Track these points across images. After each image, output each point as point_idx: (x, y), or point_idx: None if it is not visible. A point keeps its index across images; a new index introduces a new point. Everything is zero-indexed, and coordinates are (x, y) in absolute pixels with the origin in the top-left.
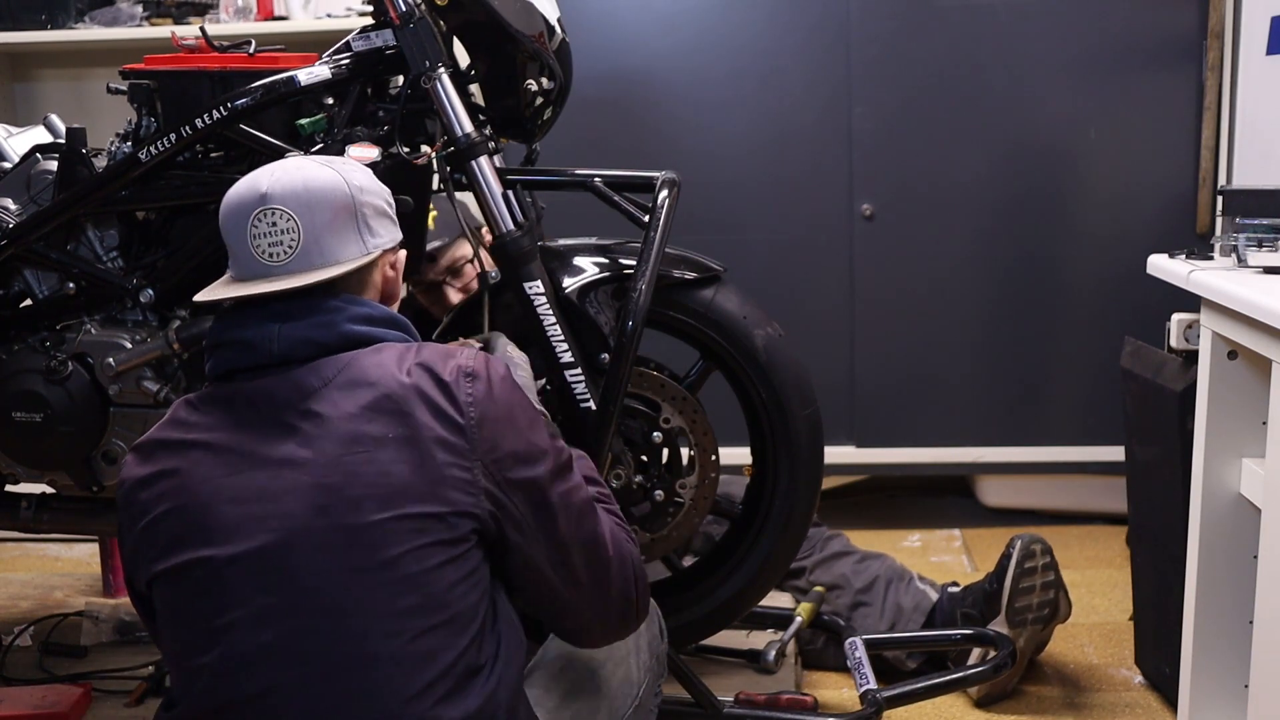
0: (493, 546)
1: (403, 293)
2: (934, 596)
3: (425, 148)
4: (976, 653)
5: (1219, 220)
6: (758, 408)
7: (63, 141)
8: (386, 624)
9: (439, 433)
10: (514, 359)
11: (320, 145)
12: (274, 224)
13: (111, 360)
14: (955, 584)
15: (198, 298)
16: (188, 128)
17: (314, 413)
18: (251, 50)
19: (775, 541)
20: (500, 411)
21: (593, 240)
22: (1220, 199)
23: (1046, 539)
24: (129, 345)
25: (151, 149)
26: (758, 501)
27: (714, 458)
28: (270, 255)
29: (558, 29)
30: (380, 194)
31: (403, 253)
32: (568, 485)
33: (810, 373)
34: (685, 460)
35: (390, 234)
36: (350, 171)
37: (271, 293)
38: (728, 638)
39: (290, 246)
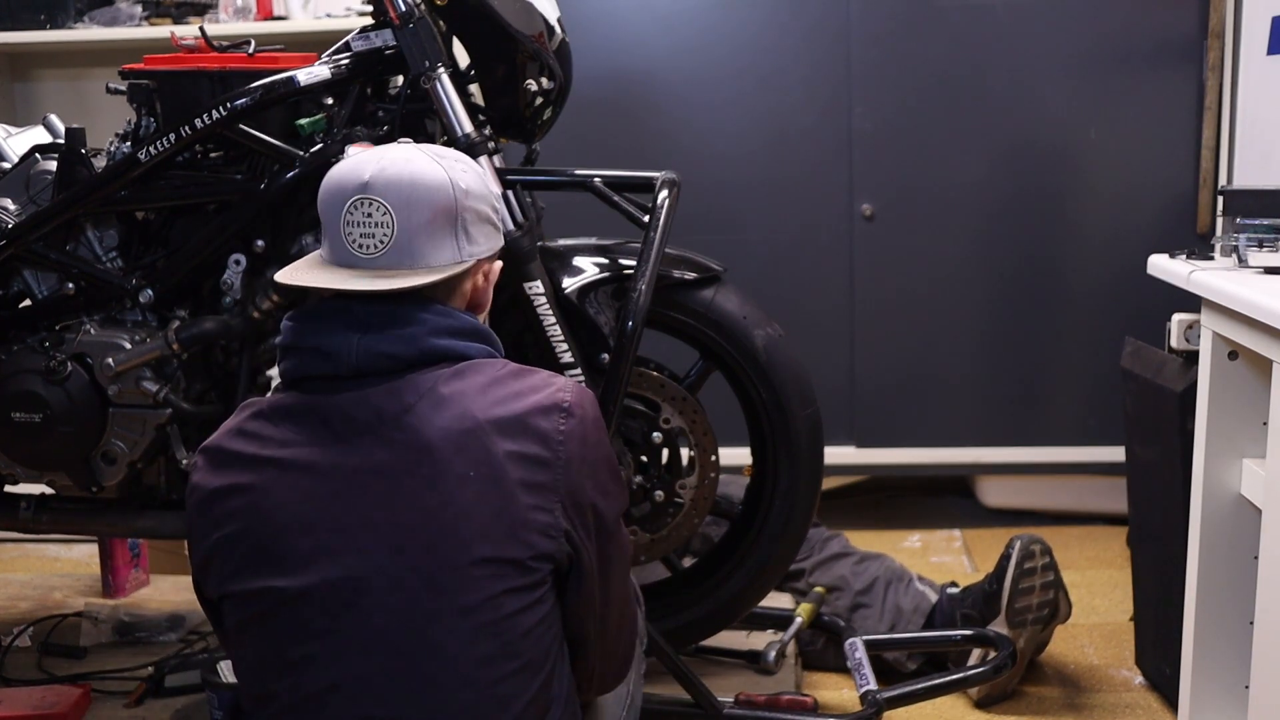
0: (563, 585)
1: (490, 299)
2: (933, 598)
3: None
4: (976, 653)
5: (1219, 220)
6: (758, 408)
7: (62, 141)
8: (462, 670)
9: (523, 473)
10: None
11: (320, 145)
12: (369, 215)
13: (111, 360)
14: (954, 584)
15: (278, 276)
16: (187, 128)
17: (393, 441)
18: (251, 50)
19: (775, 542)
20: (589, 454)
21: (593, 240)
22: (1221, 199)
23: (1047, 539)
24: (128, 345)
25: (151, 149)
26: (758, 502)
27: (714, 458)
28: (360, 246)
29: (558, 29)
30: (487, 199)
31: (499, 263)
32: (623, 535)
33: (810, 373)
34: (685, 461)
35: (490, 242)
36: (460, 172)
37: (352, 292)
38: (728, 638)
39: (382, 241)
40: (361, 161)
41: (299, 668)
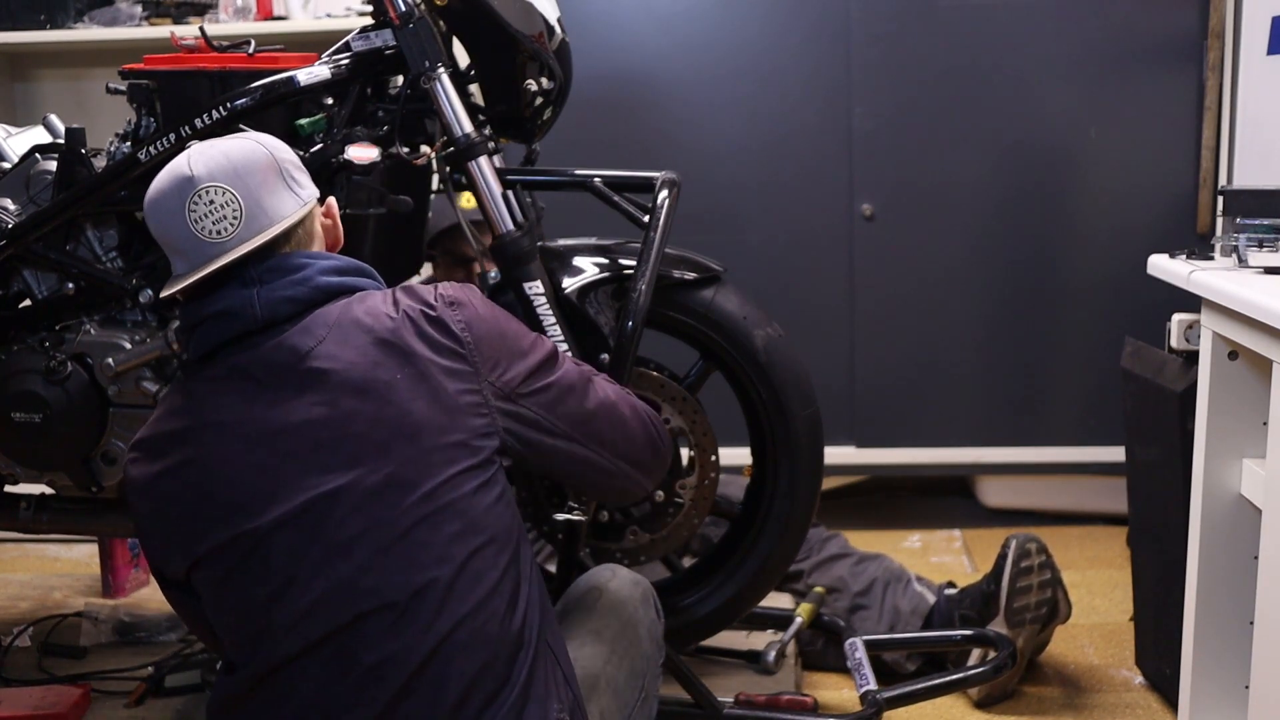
0: (521, 457)
1: (343, 237)
2: (931, 599)
3: (425, 148)
4: (976, 653)
5: (1219, 220)
6: (758, 408)
7: (62, 141)
8: (436, 550)
9: (443, 362)
10: None
11: (320, 145)
12: (211, 201)
13: (111, 360)
14: (952, 584)
15: (163, 294)
16: (187, 128)
17: (318, 370)
18: (251, 50)
19: (775, 542)
20: (490, 328)
21: (593, 240)
22: (1221, 199)
23: (1047, 539)
24: (128, 345)
25: (151, 149)
26: (757, 502)
27: (714, 458)
28: (218, 233)
29: (557, 29)
30: (288, 150)
31: (332, 200)
32: (562, 369)
33: (810, 373)
34: (685, 461)
35: (310, 186)
36: (258, 135)
37: (236, 261)
38: (728, 638)
39: (235, 218)
40: (172, 169)
41: (284, 594)
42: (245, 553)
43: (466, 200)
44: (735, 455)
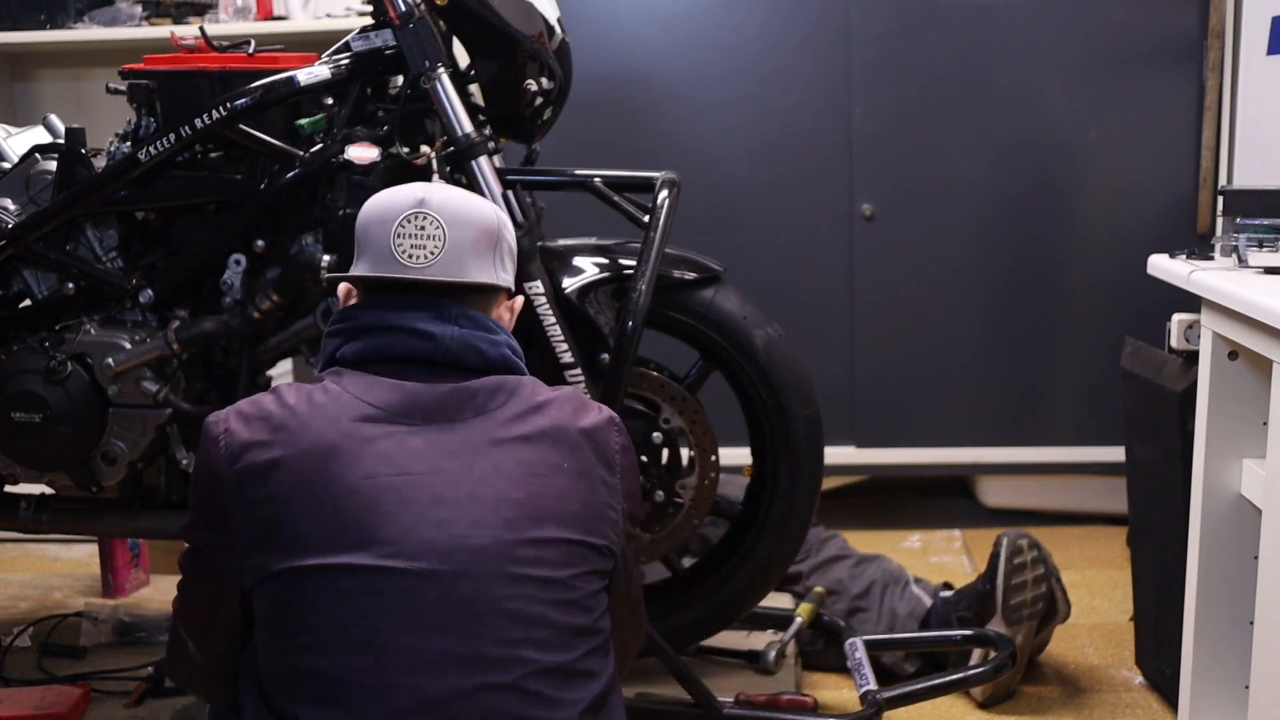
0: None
1: None
2: (928, 601)
3: (425, 148)
4: (977, 654)
5: (1219, 220)
6: (758, 408)
7: (62, 141)
8: (565, 639)
9: (601, 473)
10: None
11: (320, 145)
12: (422, 228)
13: (111, 360)
14: (949, 585)
15: (335, 275)
16: (187, 128)
17: (490, 430)
18: (251, 50)
19: (775, 542)
20: (632, 463)
21: (593, 240)
22: (1221, 199)
23: (1046, 539)
24: (128, 345)
25: (151, 149)
26: (757, 502)
27: (714, 458)
28: (411, 256)
29: (557, 29)
30: (514, 237)
31: (520, 299)
32: (641, 534)
33: (810, 373)
34: (685, 461)
35: (511, 276)
36: (499, 209)
37: (434, 297)
38: (728, 638)
39: (433, 252)
40: (410, 186)
41: (404, 640)
42: (358, 582)
43: None
44: (735, 455)
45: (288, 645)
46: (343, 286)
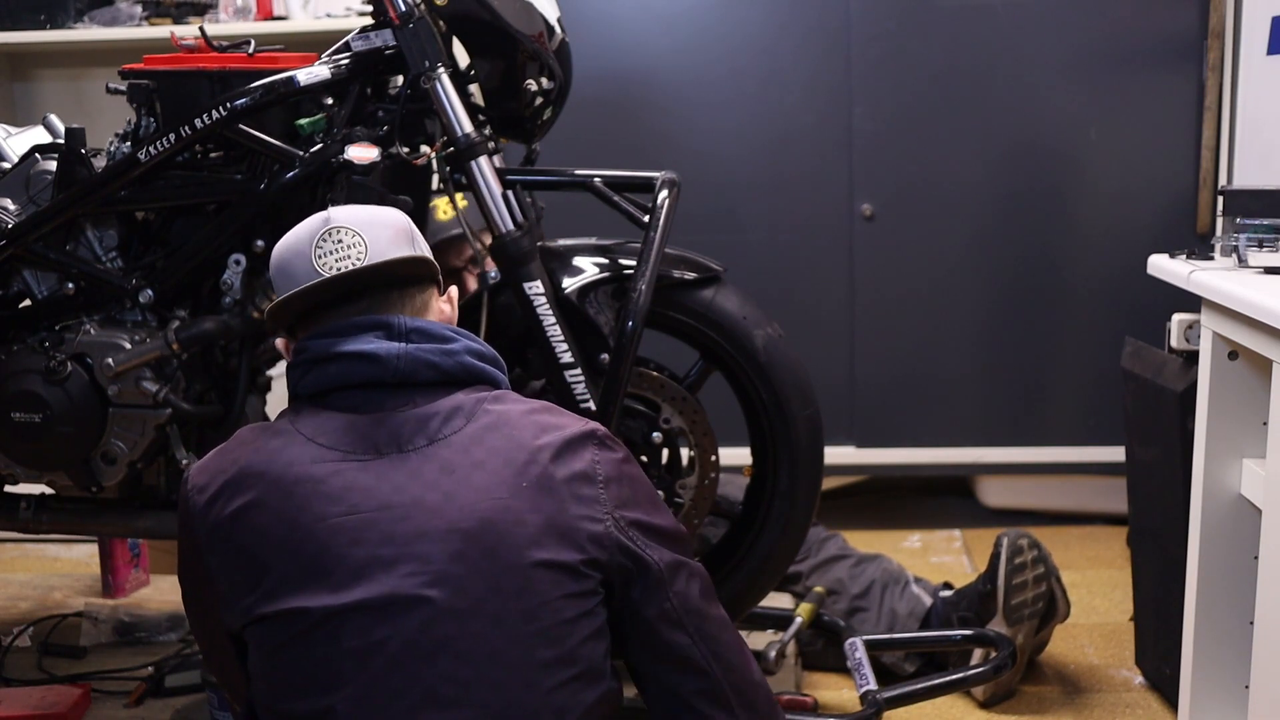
0: (622, 602)
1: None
2: (928, 601)
3: (425, 148)
4: (979, 654)
5: (1219, 220)
6: (758, 408)
7: (62, 141)
8: (525, 675)
9: (573, 487)
10: None
11: (319, 145)
12: (339, 240)
13: (110, 361)
14: (949, 585)
15: (271, 310)
16: (187, 128)
17: (443, 458)
18: (251, 50)
19: (775, 542)
20: (626, 475)
21: (593, 240)
22: (1221, 199)
23: (1046, 539)
24: (128, 346)
25: (150, 149)
26: (757, 502)
27: (714, 458)
28: (339, 268)
29: (557, 29)
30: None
31: (455, 289)
32: (695, 562)
33: (810, 373)
34: (685, 461)
35: (438, 269)
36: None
37: (383, 319)
38: None
39: (358, 258)
40: (309, 219)
41: (355, 678)
42: (315, 624)
43: (444, 212)
44: (735, 455)
45: (266, 690)
46: (279, 341)
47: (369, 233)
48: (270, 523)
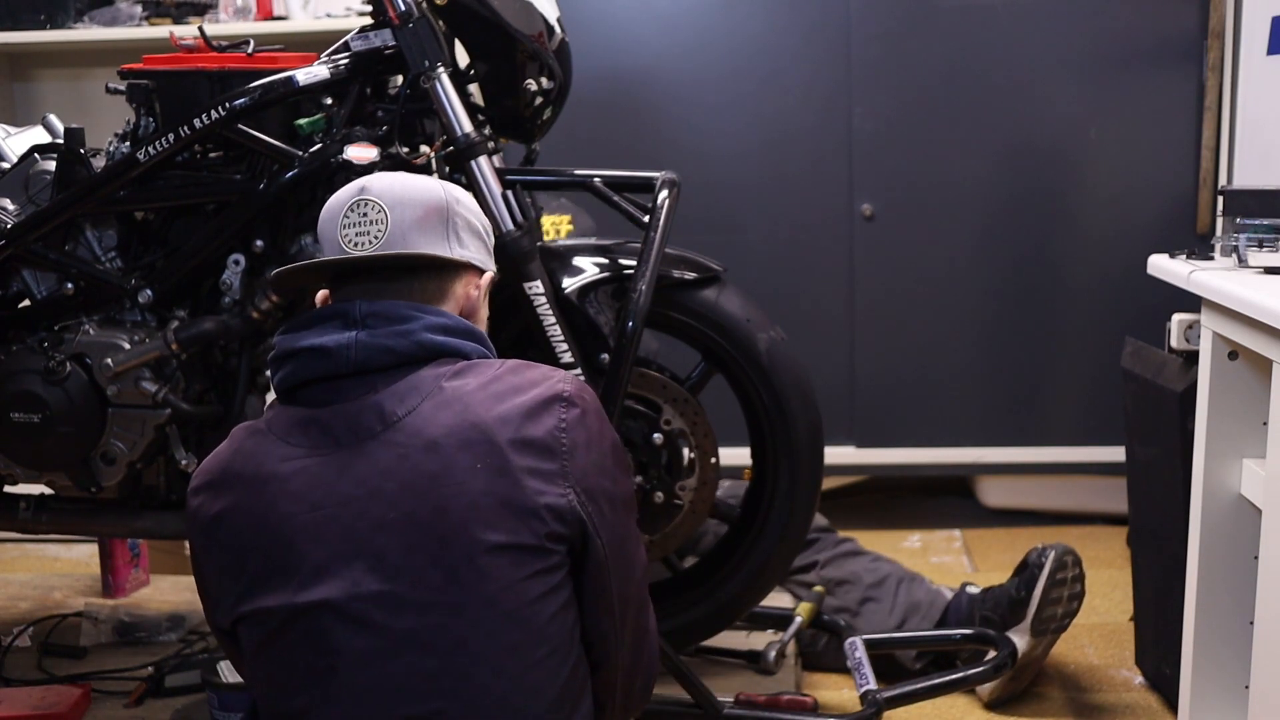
0: (578, 561)
1: (485, 315)
2: (948, 595)
3: (424, 148)
4: (993, 655)
5: (1219, 220)
6: (759, 411)
7: (61, 141)
8: (492, 660)
9: (530, 461)
10: None
11: (319, 145)
12: (364, 214)
13: (110, 361)
14: (973, 585)
15: (274, 273)
16: (186, 128)
17: (398, 443)
18: (250, 50)
19: (774, 544)
20: (594, 440)
21: (593, 240)
22: (1221, 199)
23: (1046, 538)
24: (127, 346)
25: (150, 149)
26: (756, 506)
27: (714, 461)
28: (355, 244)
29: (557, 29)
30: (479, 216)
31: (488, 275)
32: (635, 529)
33: (812, 378)
34: (685, 463)
35: (479, 257)
36: (454, 188)
37: (345, 307)
38: (728, 638)
39: (375, 236)
40: (359, 179)
41: (325, 678)
42: (287, 624)
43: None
44: (734, 455)
45: (256, 689)
46: (319, 294)
47: (396, 211)
48: (245, 522)
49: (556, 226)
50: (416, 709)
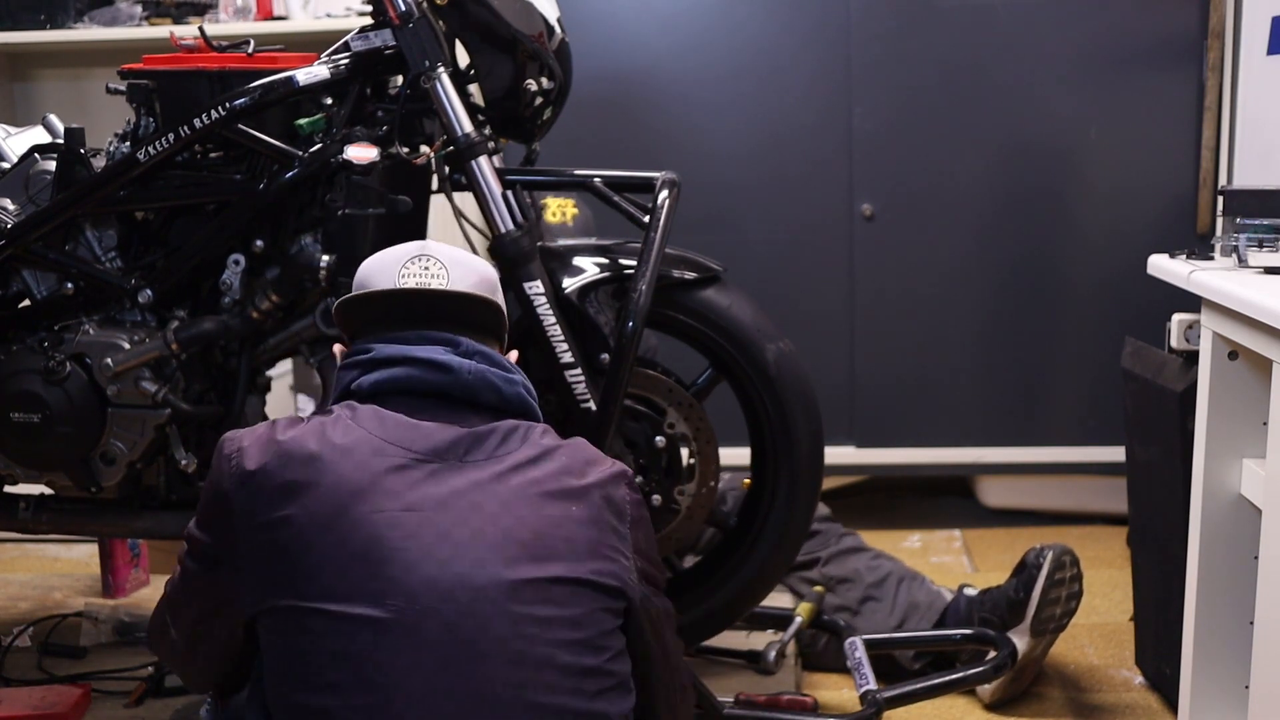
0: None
1: None
2: (948, 596)
3: (424, 148)
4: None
5: (1219, 220)
6: (761, 420)
7: (61, 141)
8: (573, 680)
9: (611, 520)
10: None
11: (319, 145)
12: (426, 268)
13: (110, 361)
14: (970, 586)
15: (340, 301)
16: (186, 128)
17: (500, 471)
18: (250, 50)
19: (769, 554)
20: (644, 517)
21: (593, 240)
22: (1221, 199)
23: (1046, 538)
24: (127, 346)
25: (150, 149)
26: (754, 513)
27: (715, 466)
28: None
29: (557, 29)
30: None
31: (515, 353)
32: (666, 600)
33: (815, 389)
34: (685, 467)
35: (506, 330)
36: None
37: (449, 335)
38: (728, 638)
39: (441, 286)
40: (410, 243)
41: (411, 675)
42: (359, 622)
43: (553, 215)
44: (733, 455)
45: (293, 683)
46: (338, 347)
47: (456, 270)
48: (329, 513)
49: (563, 209)
50: (496, 717)
